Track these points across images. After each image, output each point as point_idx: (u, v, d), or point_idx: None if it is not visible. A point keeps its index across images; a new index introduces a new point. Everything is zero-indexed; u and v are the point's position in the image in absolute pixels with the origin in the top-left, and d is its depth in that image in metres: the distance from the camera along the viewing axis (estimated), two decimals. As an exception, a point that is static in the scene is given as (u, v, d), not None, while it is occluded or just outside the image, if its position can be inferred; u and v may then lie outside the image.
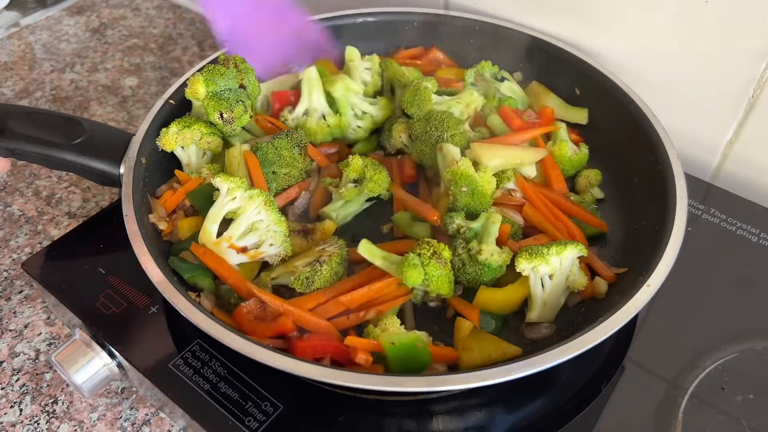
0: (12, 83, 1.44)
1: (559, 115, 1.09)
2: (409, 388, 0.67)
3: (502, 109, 1.05)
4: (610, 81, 1.04)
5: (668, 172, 0.89)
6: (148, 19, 1.67)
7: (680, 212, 0.84)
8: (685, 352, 0.84)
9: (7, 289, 1.04)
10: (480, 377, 0.67)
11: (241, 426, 0.76)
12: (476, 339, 0.80)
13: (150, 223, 0.89)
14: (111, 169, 0.91)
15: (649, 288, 0.75)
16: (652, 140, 0.94)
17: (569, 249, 0.82)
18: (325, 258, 0.83)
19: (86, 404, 0.90)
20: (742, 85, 1.03)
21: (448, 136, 0.95)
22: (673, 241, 0.80)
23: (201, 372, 0.81)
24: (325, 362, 0.75)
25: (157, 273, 0.77)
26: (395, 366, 0.75)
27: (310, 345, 0.76)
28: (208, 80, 0.93)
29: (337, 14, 1.17)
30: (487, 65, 1.12)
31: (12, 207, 1.17)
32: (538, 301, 0.84)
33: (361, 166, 0.95)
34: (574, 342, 0.70)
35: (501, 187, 0.94)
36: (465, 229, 0.87)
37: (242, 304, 0.81)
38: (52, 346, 0.96)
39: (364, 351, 0.75)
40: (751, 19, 0.96)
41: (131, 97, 1.43)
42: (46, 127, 0.91)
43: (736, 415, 0.78)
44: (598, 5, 1.09)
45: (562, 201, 0.94)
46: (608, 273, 0.87)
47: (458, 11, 1.20)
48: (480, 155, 0.92)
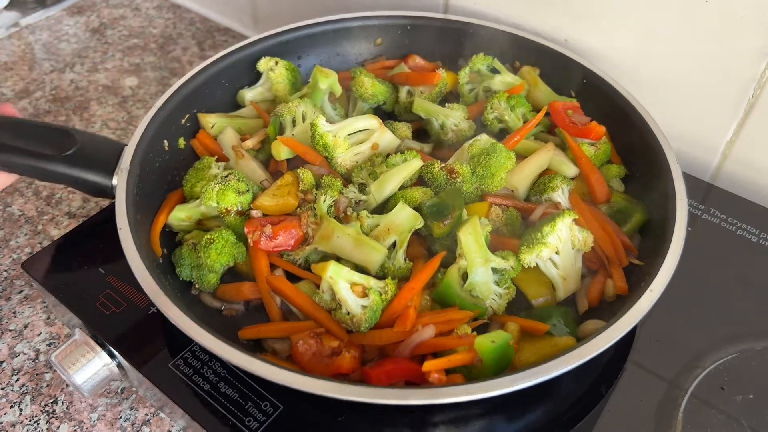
0: (12, 83, 1.44)
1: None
2: (413, 401, 0.66)
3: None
4: (607, 84, 1.03)
5: (667, 176, 0.89)
6: (148, 19, 1.67)
7: (680, 217, 0.83)
8: (685, 352, 0.85)
9: (7, 289, 1.04)
10: (483, 388, 0.66)
11: (241, 426, 0.76)
12: (528, 340, 0.80)
13: (146, 236, 0.88)
14: (103, 181, 0.89)
15: (651, 293, 0.75)
16: (650, 145, 0.94)
17: (560, 221, 0.84)
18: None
19: (86, 404, 0.90)
20: (742, 85, 1.03)
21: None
22: (673, 247, 0.80)
23: (201, 372, 0.81)
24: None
25: (151, 286, 0.76)
26: (492, 364, 0.74)
27: (384, 371, 0.75)
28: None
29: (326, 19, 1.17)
30: (479, 59, 1.12)
31: (12, 207, 1.17)
32: (558, 281, 0.86)
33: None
34: (576, 351, 0.70)
35: (546, 197, 0.94)
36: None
37: (298, 343, 0.79)
38: (52, 346, 0.96)
39: (440, 371, 0.74)
40: (751, 19, 0.97)
41: (131, 97, 1.43)
42: (36, 138, 0.89)
43: (736, 415, 0.78)
44: (597, 6, 1.09)
45: (604, 223, 0.92)
46: (623, 286, 0.86)
47: (455, 15, 1.19)
48: (515, 185, 0.94)
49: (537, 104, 1.09)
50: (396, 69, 1.15)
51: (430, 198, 0.92)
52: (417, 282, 0.82)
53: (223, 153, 1.02)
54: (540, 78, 1.11)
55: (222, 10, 1.64)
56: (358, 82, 1.09)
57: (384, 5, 1.33)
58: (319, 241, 0.87)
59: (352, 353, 0.78)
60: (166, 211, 0.92)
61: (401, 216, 0.87)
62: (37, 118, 1.36)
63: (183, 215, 0.92)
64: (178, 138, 1.02)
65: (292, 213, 0.91)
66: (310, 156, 0.96)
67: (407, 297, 0.81)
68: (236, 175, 0.90)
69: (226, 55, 1.08)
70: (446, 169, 0.92)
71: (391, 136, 1.00)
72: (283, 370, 0.68)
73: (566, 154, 1.00)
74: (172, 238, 0.93)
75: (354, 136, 0.98)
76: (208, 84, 1.06)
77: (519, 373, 0.67)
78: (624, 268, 0.88)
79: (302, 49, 1.16)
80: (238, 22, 1.63)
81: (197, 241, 0.88)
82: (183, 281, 0.88)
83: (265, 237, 0.87)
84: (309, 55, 1.18)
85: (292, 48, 1.15)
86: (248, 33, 1.62)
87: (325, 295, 0.82)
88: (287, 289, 0.84)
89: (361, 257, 0.85)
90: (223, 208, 0.89)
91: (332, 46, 1.19)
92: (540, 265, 0.85)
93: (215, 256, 0.85)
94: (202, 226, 0.94)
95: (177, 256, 0.89)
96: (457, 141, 1.04)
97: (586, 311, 0.86)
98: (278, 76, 1.09)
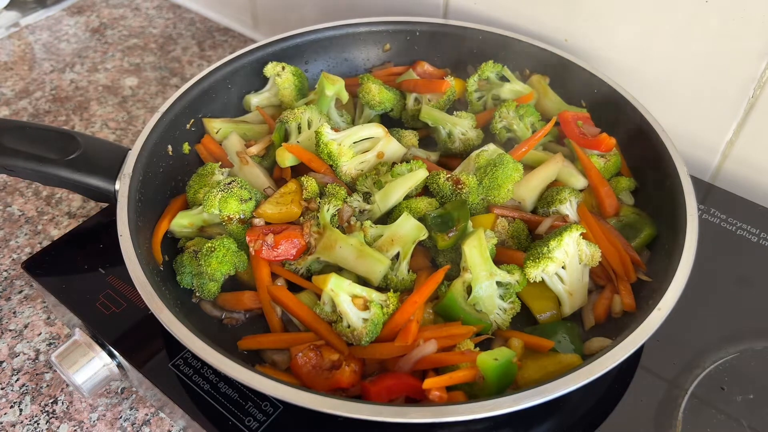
0: (12, 83, 1.44)
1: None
2: (414, 420, 0.66)
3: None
4: (617, 93, 1.02)
5: (678, 192, 0.88)
6: (148, 19, 1.67)
7: (690, 235, 0.82)
8: (685, 352, 0.85)
9: (7, 289, 1.04)
10: (486, 408, 0.66)
11: (241, 426, 0.76)
12: (531, 357, 0.80)
13: (147, 242, 0.87)
14: (106, 186, 0.89)
15: (659, 312, 0.75)
16: (661, 158, 0.93)
17: (567, 235, 0.83)
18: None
19: (86, 404, 0.90)
20: (742, 85, 1.03)
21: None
22: (683, 265, 0.79)
23: (201, 372, 0.81)
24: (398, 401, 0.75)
25: (152, 297, 0.76)
26: (494, 382, 0.73)
27: (384, 387, 0.75)
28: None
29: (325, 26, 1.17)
30: (488, 66, 1.11)
31: (12, 207, 1.17)
32: (564, 296, 0.85)
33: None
34: (582, 370, 0.69)
35: (554, 209, 0.93)
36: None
37: (297, 356, 0.79)
38: (52, 346, 0.96)
39: (441, 389, 0.73)
40: (751, 19, 0.97)
41: (131, 97, 1.43)
42: (40, 142, 0.88)
43: (736, 415, 0.79)
44: (598, 7, 1.09)
45: (613, 237, 0.92)
46: (631, 303, 0.85)
47: (456, 20, 1.19)
48: (522, 197, 0.93)
49: (546, 114, 1.08)
50: (404, 75, 1.15)
51: (435, 209, 0.91)
52: (420, 296, 0.81)
53: (228, 159, 1.01)
54: (550, 87, 1.11)
55: (222, 10, 1.64)
56: (365, 89, 1.09)
57: (381, 10, 1.33)
58: (322, 251, 0.87)
59: (352, 367, 0.77)
60: (169, 217, 0.92)
61: (405, 227, 0.87)
62: (37, 118, 1.35)
63: (185, 222, 0.92)
64: (183, 143, 1.02)
65: (295, 222, 0.90)
66: (315, 164, 0.95)
67: (409, 311, 0.80)
68: (239, 183, 0.90)
69: (233, 60, 1.08)
70: (452, 180, 0.91)
71: (396, 145, 0.99)
72: (280, 384, 0.68)
73: (575, 165, 0.99)
74: (173, 244, 0.93)
75: (359, 145, 0.98)
76: (213, 88, 1.06)
77: (523, 392, 0.67)
78: (632, 283, 0.87)
79: (309, 54, 1.16)
80: (238, 22, 1.63)
81: (198, 249, 0.87)
82: (184, 288, 0.88)
83: (267, 246, 0.86)
84: (316, 60, 1.17)
85: (299, 53, 1.15)
86: (248, 33, 1.62)
87: (326, 307, 0.82)
88: (288, 300, 0.84)
89: (364, 268, 0.85)
90: (225, 215, 0.88)
91: (340, 51, 1.19)
92: (546, 279, 0.85)
93: (216, 265, 0.85)
94: (205, 233, 0.93)
95: (178, 264, 0.88)
96: (464, 150, 1.04)
97: (592, 327, 0.86)
98: (285, 82, 1.09)
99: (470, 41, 1.16)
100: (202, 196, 0.92)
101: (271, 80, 1.11)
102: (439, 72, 1.16)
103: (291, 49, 1.13)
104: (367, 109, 1.11)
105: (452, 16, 1.28)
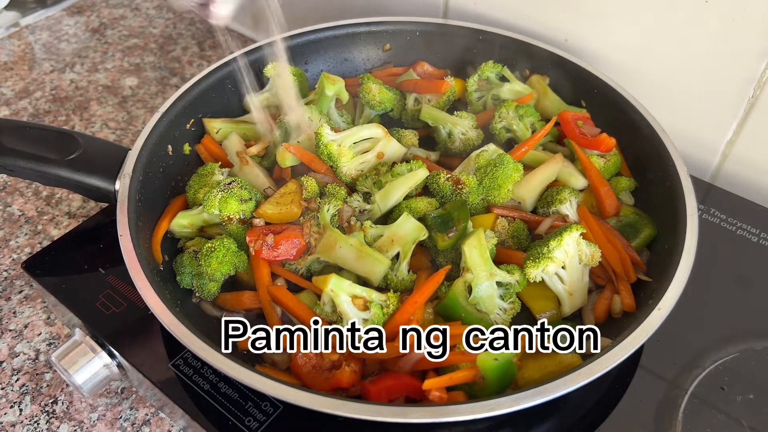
0: (12, 83, 1.44)
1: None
2: (414, 420, 0.66)
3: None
4: (619, 95, 1.02)
5: (678, 192, 0.88)
6: (148, 19, 1.67)
7: (690, 235, 0.82)
8: (685, 352, 0.85)
9: (7, 289, 1.04)
10: (486, 408, 0.66)
11: (241, 426, 0.76)
12: (531, 357, 0.79)
13: (147, 242, 0.87)
14: (106, 186, 0.89)
15: (659, 312, 0.75)
16: (661, 159, 0.93)
17: (567, 235, 0.83)
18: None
19: (86, 404, 0.90)
20: (742, 85, 1.03)
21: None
22: (682, 266, 0.79)
23: (201, 372, 0.81)
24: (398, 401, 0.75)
25: (153, 297, 0.76)
26: (494, 382, 0.73)
27: (384, 387, 0.75)
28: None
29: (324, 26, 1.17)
30: (488, 66, 1.11)
31: (12, 207, 1.17)
32: (564, 296, 0.85)
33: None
34: (582, 370, 0.69)
35: (554, 209, 0.93)
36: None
37: (297, 356, 0.79)
38: (52, 346, 0.96)
39: (441, 389, 0.73)
40: (751, 20, 0.97)
41: (131, 97, 1.43)
42: (40, 142, 0.88)
43: (736, 415, 0.79)
44: (598, 7, 1.09)
45: (613, 237, 0.92)
46: (631, 303, 0.85)
47: (456, 20, 1.19)
48: (522, 197, 0.93)
49: (546, 114, 1.08)
50: (404, 75, 1.15)
51: (435, 209, 0.91)
52: (420, 296, 0.81)
53: (228, 159, 1.01)
54: (549, 87, 1.11)
55: (222, 10, 1.64)
56: (365, 89, 1.09)
57: (381, 10, 1.33)
58: (322, 251, 0.87)
59: (352, 367, 0.77)
60: (169, 217, 0.92)
61: (405, 227, 0.87)
62: (37, 118, 1.35)
63: (185, 222, 0.92)
64: (183, 143, 1.02)
65: (295, 222, 0.90)
66: (316, 164, 0.95)
67: (410, 311, 0.80)
68: (239, 183, 0.90)
69: (233, 60, 1.07)
70: (452, 180, 0.91)
71: (396, 145, 0.99)
72: (280, 384, 0.68)
73: (575, 165, 0.99)
74: (174, 244, 0.93)
75: (359, 145, 0.98)
76: (214, 88, 1.06)
77: (523, 392, 0.67)
78: (632, 283, 0.87)
79: (309, 54, 1.16)
80: (237, 21, 1.63)
81: (198, 249, 0.87)
82: (184, 288, 0.88)
83: (267, 246, 0.86)
84: (316, 60, 1.17)
85: (299, 53, 1.15)
86: (248, 33, 1.61)
87: (326, 307, 0.82)
88: (288, 300, 0.83)
89: (364, 269, 0.85)
90: (225, 216, 0.88)
91: (340, 51, 1.19)
92: (546, 279, 0.85)
93: (216, 265, 0.85)
94: (205, 233, 0.93)
95: (178, 264, 0.88)
96: (464, 149, 1.04)
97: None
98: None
99: (470, 41, 1.16)
100: (202, 196, 0.92)
101: (271, 80, 1.10)
102: (439, 72, 1.16)
103: (291, 49, 1.13)
104: (367, 109, 1.11)
105: (452, 16, 1.28)
